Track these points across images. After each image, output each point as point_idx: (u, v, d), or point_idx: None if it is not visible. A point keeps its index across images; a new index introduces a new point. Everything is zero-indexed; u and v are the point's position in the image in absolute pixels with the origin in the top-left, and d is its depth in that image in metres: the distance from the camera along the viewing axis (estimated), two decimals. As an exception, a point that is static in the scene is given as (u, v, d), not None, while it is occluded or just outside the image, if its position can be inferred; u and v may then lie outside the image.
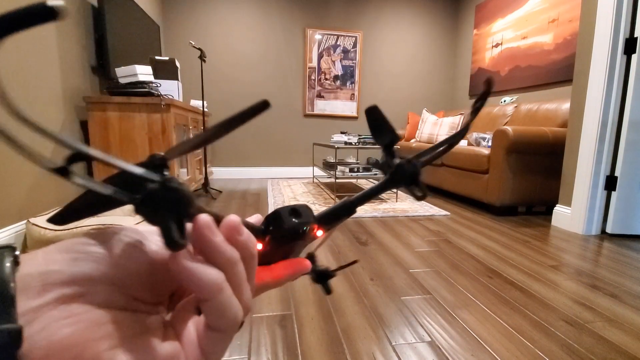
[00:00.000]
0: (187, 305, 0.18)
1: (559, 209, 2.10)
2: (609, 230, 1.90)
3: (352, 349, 0.87)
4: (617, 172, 1.86)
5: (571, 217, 2.00)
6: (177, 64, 2.48)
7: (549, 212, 2.36)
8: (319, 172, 4.10)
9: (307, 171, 4.12)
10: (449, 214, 2.34)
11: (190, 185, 2.47)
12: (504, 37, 3.40)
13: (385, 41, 4.10)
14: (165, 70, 2.39)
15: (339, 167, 2.90)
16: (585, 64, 1.93)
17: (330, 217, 0.22)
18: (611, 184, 1.89)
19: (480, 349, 0.88)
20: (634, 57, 1.76)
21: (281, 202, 2.54)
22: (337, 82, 4.04)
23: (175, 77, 2.44)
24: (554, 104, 2.51)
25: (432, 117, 3.73)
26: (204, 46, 3.62)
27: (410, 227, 2.00)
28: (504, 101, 3.36)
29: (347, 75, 4.04)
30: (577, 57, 1.99)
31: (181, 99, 2.44)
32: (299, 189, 3.17)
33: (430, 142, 3.61)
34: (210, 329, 0.16)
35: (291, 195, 2.89)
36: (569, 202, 2.03)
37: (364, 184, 3.57)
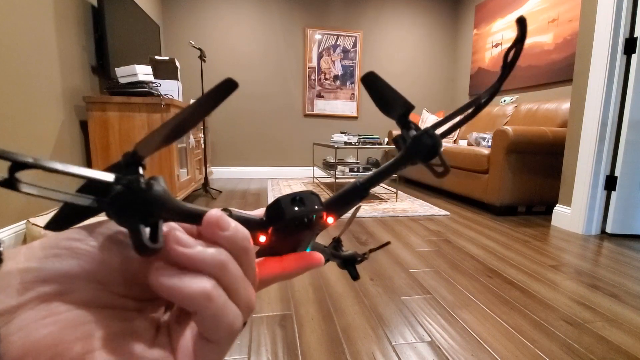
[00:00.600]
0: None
1: (558, 208, 2.10)
2: (608, 230, 1.90)
3: (352, 349, 0.87)
4: (617, 172, 1.86)
5: (571, 217, 2.00)
6: (177, 64, 2.48)
7: (548, 212, 2.36)
8: (318, 172, 4.10)
9: (307, 171, 4.12)
10: (448, 213, 2.34)
11: (190, 185, 2.47)
12: (504, 37, 3.40)
13: (385, 41, 4.10)
14: (165, 70, 2.39)
15: (339, 167, 2.90)
16: (585, 64, 1.93)
17: (339, 203, 0.20)
18: (611, 183, 1.89)
19: (480, 349, 0.88)
20: (634, 57, 1.76)
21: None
22: (337, 82, 4.04)
23: (175, 77, 2.43)
24: (554, 104, 2.51)
25: (432, 117, 3.73)
26: (204, 46, 3.62)
27: (410, 227, 2.00)
28: (504, 101, 3.36)
29: (347, 75, 4.04)
30: (577, 57, 1.99)
31: (181, 99, 2.44)
32: (299, 189, 3.17)
33: (430, 142, 3.61)
34: (204, 339, 0.15)
35: (291, 195, 2.89)
36: (568, 202, 2.03)
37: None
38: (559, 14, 2.76)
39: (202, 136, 2.91)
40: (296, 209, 0.18)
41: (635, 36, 1.76)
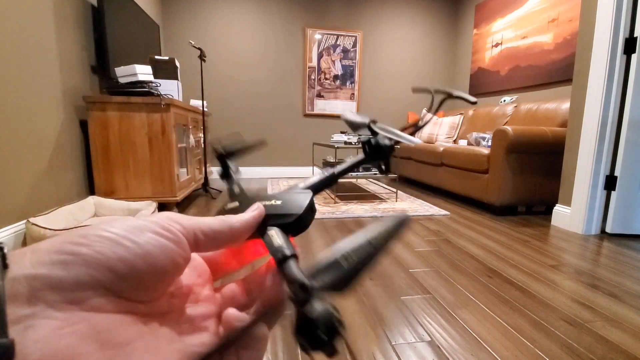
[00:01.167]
0: (205, 307, 0.18)
1: (558, 208, 2.10)
2: (608, 229, 1.90)
3: (352, 349, 0.87)
4: (616, 172, 1.86)
5: (571, 216, 2.00)
6: (177, 64, 2.48)
7: (548, 212, 2.36)
8: (318, 171, 4.10)
9: (307, 171, 4.12)
10: (448, 213, 2.34)
11: (190, 185, 2.47)
12: (504, 36, 3.40)
13: (385, 41, 4.10)
14: (165, 69, 2.39)
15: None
16: (585, 64, 1.93)
17: (319, 189, 0.25)
18: (611, 183, 1.89)
19: (480, 349, 0.88)
20: (634, 56, 1.76)
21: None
22: (337, 82, 4.04)
23: (175, 77, 2.43)
24: (554, 104, 2.51)
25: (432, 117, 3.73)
26: (204, 46, 3.61)
27: (410, 226, 2.01)
28: (504, 101, 3.36)
29: (347, 74, 4.04)
30: (576, 56, 1.99)
31: (181, 99, 2.44)
32: (299, 189, 3.17)
33: (430, 141, 3.62)
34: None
35: (291, 195, 2.89)
36: (568, 202, 2.03)
37: (363, 184, 3.58)
38: (559, 13, 2.76)
39: (202, 136, 2.91)
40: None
41: (635, 36, 1.76)
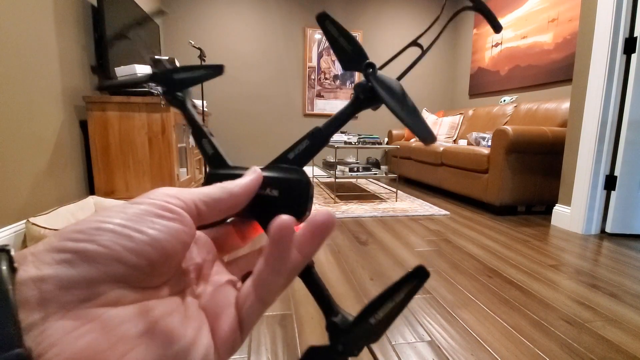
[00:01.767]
0: (219, 281, 0.18)
1: (558, 208, 2.10)
2: (608, 229, 1.90)
3: (352, 349, 0.87)
4: (616, 172, 1.86)
5: (571, 216, 2.00)
6: (177, 64, 2.48)
7: (548, 212, 2.36)
8: (318, 171, 4.10)
9: (307, 171, 4.11)
10: (448, 213, 2.34)
11: (190, 184, 2.47)
12: (504, 36, 3.40)
13: (385, 41, 4.10)
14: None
15: (339, 167, 2.90)
16: (584, 64, 1.93)
17: (309, 157, 0.22)
18: (611, 183, 1.89)
19: (479, 349, 0.88)
20: (634, 56, 1.76)
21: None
22: (337, 82, 4.04)
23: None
24: (554, 104, 2.51)
25: (432, 117, 3.73)
26: (204, 46, 3.61)
27: (410, 226, 2.01)
28: (504, 101, 3.36)
29: (347, 74, 4.04)
30: (576, 56, 1.99)
31: (181, 99, 2.44)
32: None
33: (430, 141, 3.61)
34: (260, 301, 0.17)
35: (291, 194, 2.89)
36: (568, 202, 2.03)
37: (363, 184, 3.57)
38: (559, 13, 2.76)
39: (202, 136, 2.90)
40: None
41: (635, 36, 1.76)
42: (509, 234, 1.88)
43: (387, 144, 4.00)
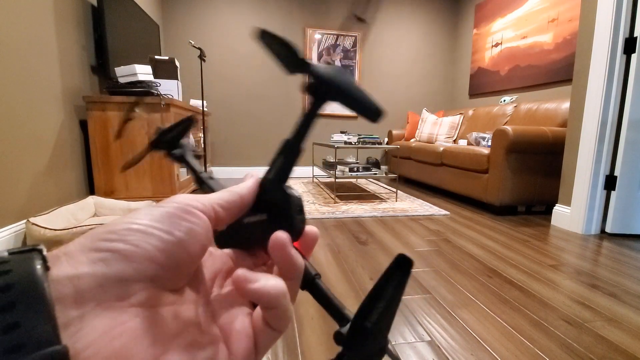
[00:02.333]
0: (234, 296, 0.18)
1: (558, 208, 2.10)
2: (608, 229, 1.90)
3: (352, 349, 0.87)
4: (616, 172, 1.86)
5: (571, 216, 2.00)
6: (177, 64, 2.48)
7: (548, 212, 2.36)
8: (318, 171, 4.10)
9: (306, 171, 4.12)
10: (448, 213, 2.34)
11: (190, 184, 2.47)
12: (504, 36, 3.40)
13: (384, 41, 4.10)
14: (164, 69, 2.39)
15: (339, 167, 2.90)
16: (585, 64, 1.93)
17: (289, 174, 0.21)
18: (611, 183, 1.89)
19: (479, 349, 0.88)
20: (634, 56, 1.76)
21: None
22: (337, 82, 4.04)
23: (174, 77, 2.43)
24: (554, 104, 2.51)
25: (431, 117, 3.73)
26: (204, 46, 3.61)
27: (409, 226, 2.01)
28: (504, 101, 3.36)
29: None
30: (576, 56, 1.99)
31: (181, 99, 2.44)
32: (299, 189, 3.17)
33: (430, 141, 3.62)
34: (268, 327, 0.17)
35: (291, 194, 2.89)
36: (568, 202, 2.03)
37: (363, 184, 3.58)
38: (558, 13, 2.76)
39: (202, 136, 2.91)
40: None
41: (635, 36, 1.76)
42: (509, 234, 1.88)
43: (387, 144, 4.00)
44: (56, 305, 0.11)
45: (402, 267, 0.16)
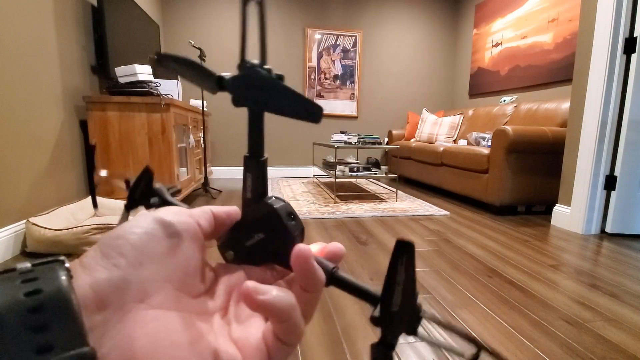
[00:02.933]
0: (249, 311, 0.18)
1: (558, 208, 2.10)
2: (608, 229, 1.90)
3: (352, 349, 0.87)
4: (616, 172, 1.86)
5: (571, 216, 2.00)
6: (177, 64, 2.48)
7: (548, 212, 2.36)
8: (318, 171, 4.10)
9: (307, 171, 4.12)
10: (448, 213, 2.34)
11: (190, 184, 2.47)
12: (504, 36, 3.40)
13: (385, 41, 4.10)
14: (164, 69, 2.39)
15: (339, 167, 2.90)
16: (585, 64, 1.93)
17: (261, 187, 0.21)
18: (611, 183, 1.89)
19: (480, 349, 0.88)
20: (634, 56, 1.76)
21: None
22: (337, 82, 4.04)
23: (175, 77, 2.43)
24: (554, 104, 2.51)
25: (431, 117, 3.73)
26: (204, 46, 3.61)
27: (410, 226, 2.01)
28: (504, 101, 3.36)
29: (347, 74, 4.04)
30: (576, 56, 1.99)
31: (181, 99, 2.44)
32: (299, 189, 3.17)
33: (430, 141, 3.62)
34: (279, 341, 0.17)
35: (291, 195, 2.89)
36: (568, 202, 2.03)
37: (363, 184, 3.58)
38: (559, 13, 2.76)
39: (202, 136, 2.91)
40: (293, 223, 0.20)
41: (635, 36, 1.76)
42: (509, 234, 1.88)
43: (387, 144, 4.00)
44: (82, 310, 0.12)
45: (404, 251, 0.17)
